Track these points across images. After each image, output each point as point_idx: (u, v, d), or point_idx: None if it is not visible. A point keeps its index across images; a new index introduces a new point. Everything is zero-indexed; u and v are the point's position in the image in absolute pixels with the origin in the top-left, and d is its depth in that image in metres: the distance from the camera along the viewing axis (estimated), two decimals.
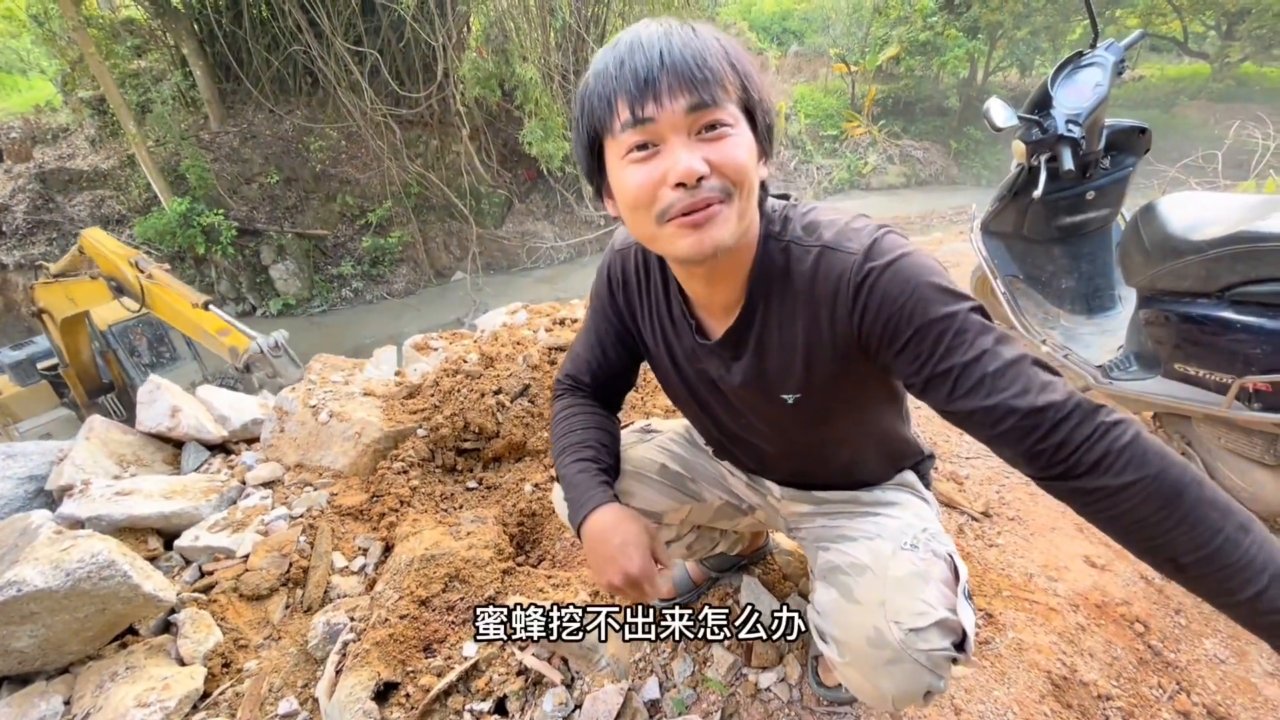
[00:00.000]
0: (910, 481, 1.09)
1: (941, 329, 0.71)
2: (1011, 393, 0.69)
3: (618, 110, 0.70)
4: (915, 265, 0.74)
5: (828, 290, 0.78)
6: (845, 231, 0.79)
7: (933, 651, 0.83)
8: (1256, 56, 16.13)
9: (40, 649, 1.37)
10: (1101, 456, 0.66)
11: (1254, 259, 1.46)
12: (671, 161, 0.69)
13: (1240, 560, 0.62)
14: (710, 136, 0.70)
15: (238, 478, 2.03)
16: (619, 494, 1.10)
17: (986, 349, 0.71)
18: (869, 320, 0.76)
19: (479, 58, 11.22)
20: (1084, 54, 2.15)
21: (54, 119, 12.00)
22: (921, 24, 16.09)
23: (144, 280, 4.57)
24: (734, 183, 0.71)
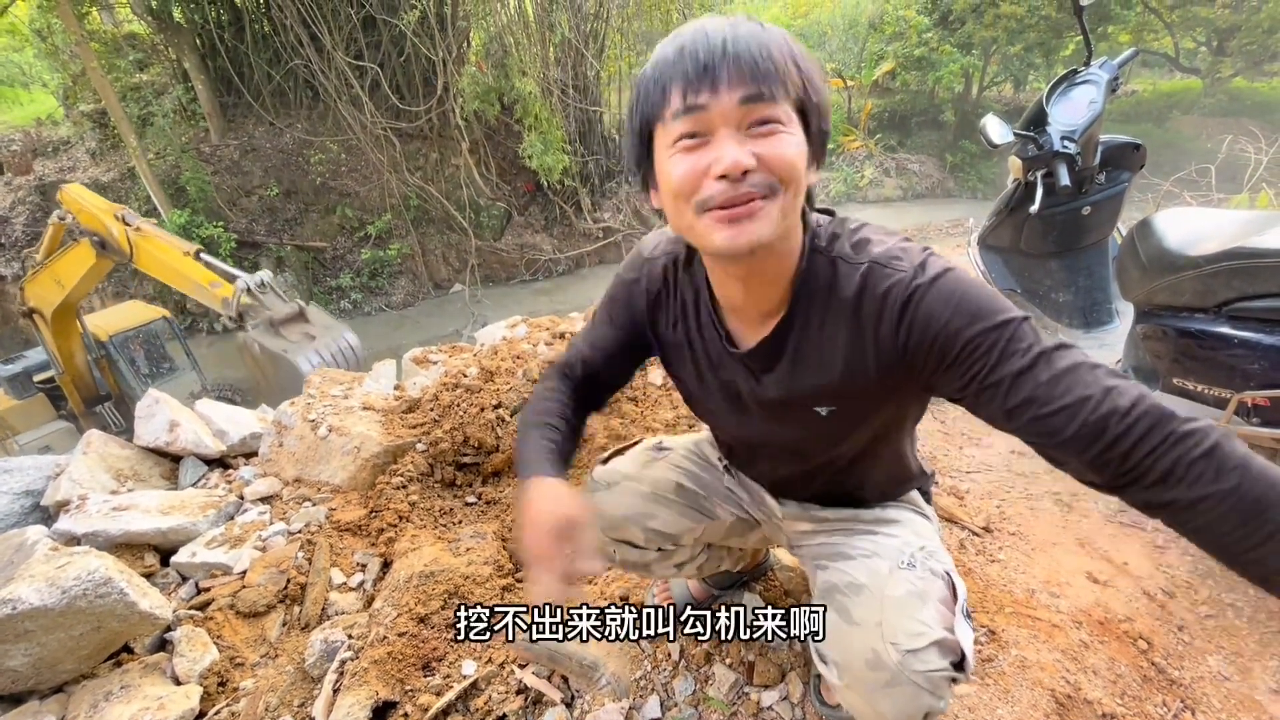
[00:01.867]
0: (912, 499, 1.09)
1: (993, 340, 0.70)
2: (1069, 400, 0.66)
3: (670, 97, 0.69)
4: (961, 281, 0.74)
5: (874, 307, 0.77)
6: (893, 250, 0.78)
7: (931, 672, 0.82)
8: (1247, 72, 16.33)
9: (34, 668, 1.35)
10: (1171, 467, 0.62)
11: (1250, 275, 1.47)
12: (719, 152, 0.68)
13: None
14: (761, 132, 0.69)
15: (236, 493, 2.02)
16: (640, 515, 1.12)
17: (1040, 357, 0.68)
18: (916, 337, 0.74)
19: (479, 72, 11.33)
20: (1078, 72, 2.18)
21: (55, 132, 12.07)
22: (916, 40, 16.28)
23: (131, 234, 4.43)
24: (782, 179, 0.70)
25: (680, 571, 1.27)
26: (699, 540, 1.23)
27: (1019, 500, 1.94)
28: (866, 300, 0.77)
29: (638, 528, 1.14)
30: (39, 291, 5.34)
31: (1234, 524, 0.60)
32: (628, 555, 1.18)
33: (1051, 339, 0.70)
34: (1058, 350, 0.69)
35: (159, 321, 6.98)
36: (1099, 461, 0.66)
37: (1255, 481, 0.60)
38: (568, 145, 11.75)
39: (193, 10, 11.49)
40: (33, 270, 5.34)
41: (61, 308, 5.33)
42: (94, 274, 4.95)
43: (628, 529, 1.15)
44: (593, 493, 1.18)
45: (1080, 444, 0.66)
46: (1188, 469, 0.61)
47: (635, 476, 1.17)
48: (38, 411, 6.33)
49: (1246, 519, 0.60)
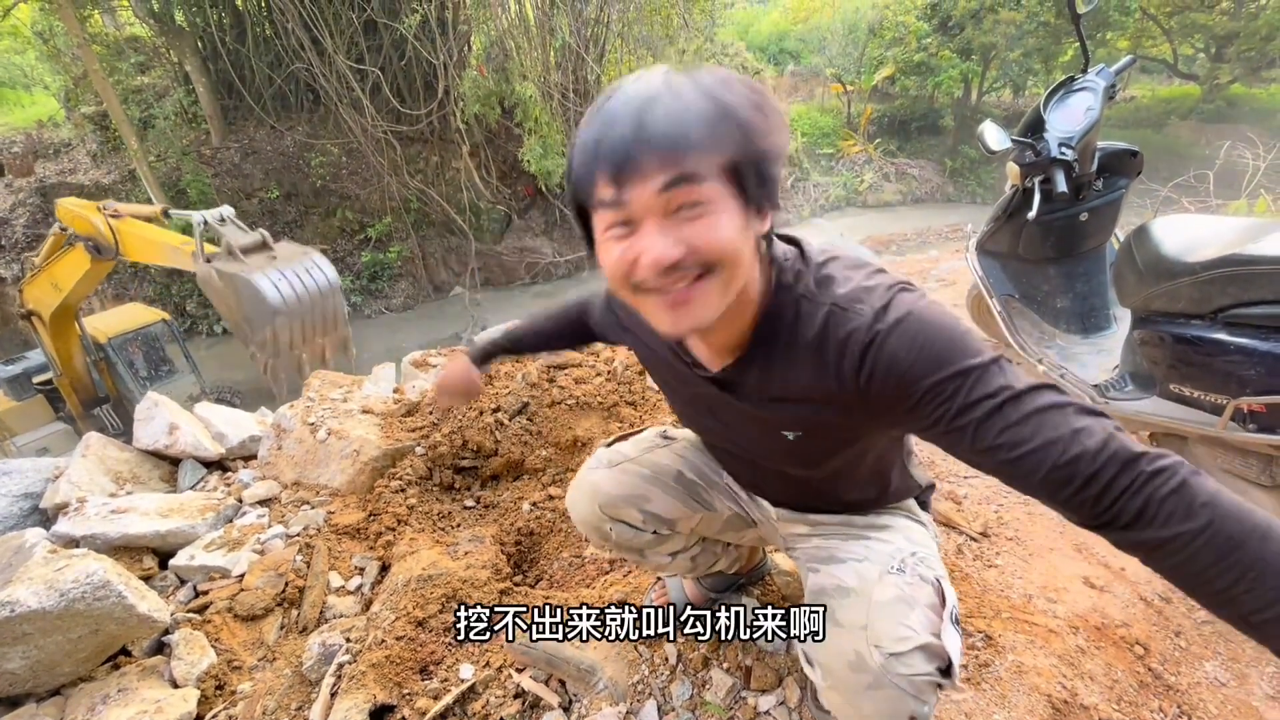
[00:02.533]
0: (907, 506, 1.09)
1: (955, 386, 0.68)
2: (1035, 444, 0.65)
3: (597, 188, 0.68)
4: (926, 323, 0.71)
5: (835, 351, 0.75)
6: (857, 291, 0.76)
7: (914, 676, 0.82)
8: (1245, 79, 16.39)
9: (32, 670, 1.36)
10: (1143, 507, 0.61)
11: (1246, 281, 1.48)
12: (644, 244, 0.67)
13: None
14: (689, 216, 0.66)
15: (234, 496, 2.02)
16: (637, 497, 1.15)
17: (1007, 401, 0.66)
18: (877, 383, 0.73)
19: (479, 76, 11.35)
20: (1076, 79, 2.19)
21: (56, 134, 12.10)
22: (916, 45, 16.35)
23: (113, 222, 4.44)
24: (714, 263, 0.68)
25: (674, 561, 1.27)
26: (695, 530, 1.24)
27: (1016, 505, 1.95)
28: (828, 343, 0.76)
29: (635, 508, 1.16)
30: (37, 294, 5.36)
31: (1207, 562, 0.60)
32: (623, 534, 1.19)
33: (1024, 379, 0.68)
34: (1027, 393, 0.67)
35: (158, 324, 6.98)
36: (1072, 504, 0.65)
37: (1225, 518, 0.59)
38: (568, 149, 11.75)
39: (194, 13, 11.52)
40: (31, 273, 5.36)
41: (59, 310, 5.34)
42: (89, 278, 4.96)
43: (625, 509, 1.16)
44: (593, 470, 1.20)
45: (1051, 488, 0.65)
46: (1159, 508, 0.61)
47: (637, 459, 1.19)
48: (36, 413, 6.31)
49: (1219, 556, 0.59)
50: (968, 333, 0.72)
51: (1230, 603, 0.60)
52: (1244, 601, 0.59)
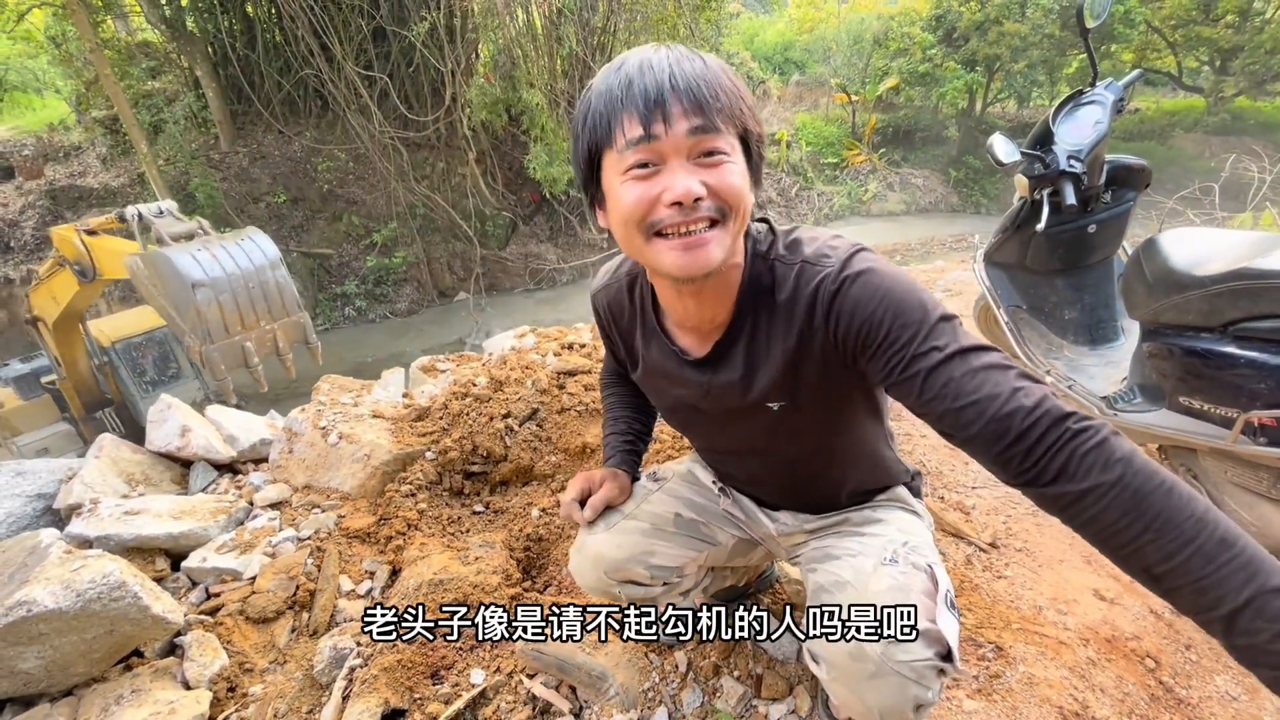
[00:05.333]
0: (901, 496, 1.11)
1: (911, 334, 0.74)
2: (977, 397, 0.70)
3: (623, 127, 0.73)
4: (886, 276, 0.78)
5: (806, 303, 0.82)
6: (823, 248, 0.84)
7: (914, 661, 0.84)
8: (1250, 91, 16.43)
9: (46, 670, 1.36)
10: (1065, 462, 0.66)
11: (1255, 295, 1.48)
12: (670, 181, 0.72)
13: (1215, 574, 0.59)
14: (708, 162, 0.73)
15: (246, 498, 2.03)
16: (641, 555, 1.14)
17: (956, 354, 0.72)
18: (842, 328, 0.79)
19: (486, 83, 11.43)
20: (1084, 92, 2.20)
21: (67, 137, 12.20)
22: (920, 56, 16.42)
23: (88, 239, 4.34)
24: (729, 206, 0.75)
25: (687, 598, 1.28)
26: (702, 567, 1.24)
27: (1025, 516, 1.95)
28: (800, 297, 0.82)
29: (640, 566, 1.14)
30: (40, 302, 5.46)
31: (1117, 514, 0.63)
32: (633, 593, 1.18)
33: (971, 339, 0.74)
34: (975, 350, 0.73)
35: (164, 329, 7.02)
36: (1003, 457, 0.70)
37: (1136, 474, 0.63)
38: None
39: (206, 19, 11.65)
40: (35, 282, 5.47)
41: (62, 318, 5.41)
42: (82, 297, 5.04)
43: (631, 569, 1.15)
44: (591, 535, 1.17)
45: (986, 439, 0.70)
46: (1080, 462, 0.65)
47: (632, 514, 1.17)
48: (42, 413, 6.34)
49: (1128, 509, 0.63)
50: (925, 289, 0.78)
51: (1136, 554, 0.63)
52: (1148, 553, 0.62)
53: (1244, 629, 0.57)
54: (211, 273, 3.66)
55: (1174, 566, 0.61)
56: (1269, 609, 0.56)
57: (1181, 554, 0.60)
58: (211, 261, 3.74)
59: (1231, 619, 0.58)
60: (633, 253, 0.82)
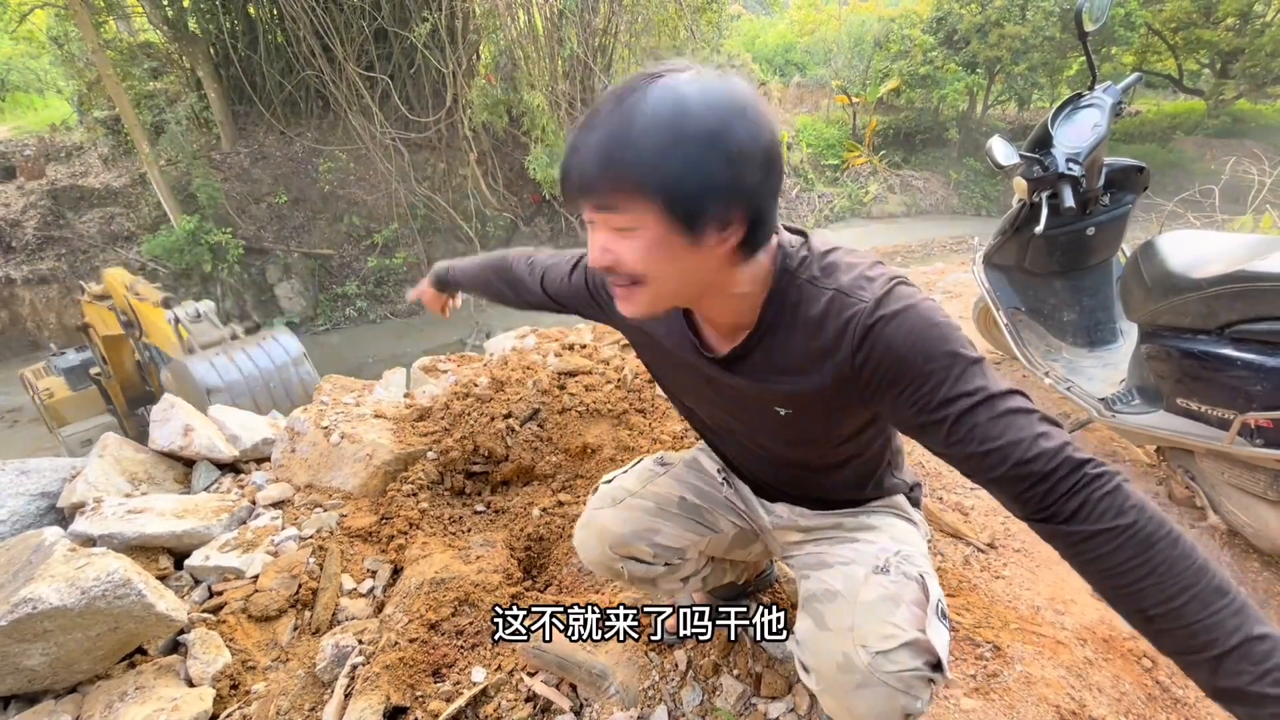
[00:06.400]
0: (897, 503, 1.12)
1: (941, 378, 0.74)
2: (1001, 443, 0.72)
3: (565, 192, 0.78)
4: (922, 317, 0.77)
5: (835, 333, 0.81)
6: (860, 279, 0.81)
7: (902, 672, 0.84)
8: (1251, 94, 16.43)
9: (50, 668, 1.37)
10: (1081, 504, 0.69)
11: (1253, 298, 1.50)
12: (591, 244, 0.79)
13: (1207, 620, 0.63)
14: (619, 235, 0.76)
15: (248, 497, 2.04)
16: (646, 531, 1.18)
17: (982, 400, 0.73)
18: (871, 366, 0.78)
19: (488, 85, 11.45)
20: (1083, 95, 2.22)
21: (68, 137, 12.21)
22: (921, 58, 16.42)
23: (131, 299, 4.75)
24: (634, 278, 0.78)
25: (686, 586, 1.30)
26: (703, 553, 1.26)
27: None
28: (829, 324, 0.81)
29: (644, 543, 1.17)
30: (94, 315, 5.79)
31: (1125, 556, 0.67)
32: (635, 571, 1.21)
33: (999, 383, 0.75)
34: (1001, 395, 0.74)
35: None
36: (1023, 497, 0.72)
37: (1149, 521, 0.67)
38: None
39: (208, 20, 11.66)
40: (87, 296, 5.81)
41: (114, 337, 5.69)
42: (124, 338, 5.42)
43: (635, 545, 1.18)
44: (599, 509, 1.22)
45: (1008, 483, 0.73)
46: (1095, 505, 0.68)
47: (639, 493, 1.21)
48: (89, 404, 6.49)
49: (1136, 552, 0.66)
50: (958, 330, 0.78)
51: (1135, 596, 0.67)
52: (1148, 595, 0.66)
53: (1229, 670, 0.62)
54: (228, 377, 4.11)
55: (1171, 609, 0.65)
56: (1254, 653, 0.61)
57: (1180, 599, 0.64)
58: (228, 366, 4.20)
59: (1219, 661, 0.62)
60: None
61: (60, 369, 6.43)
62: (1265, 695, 0.60)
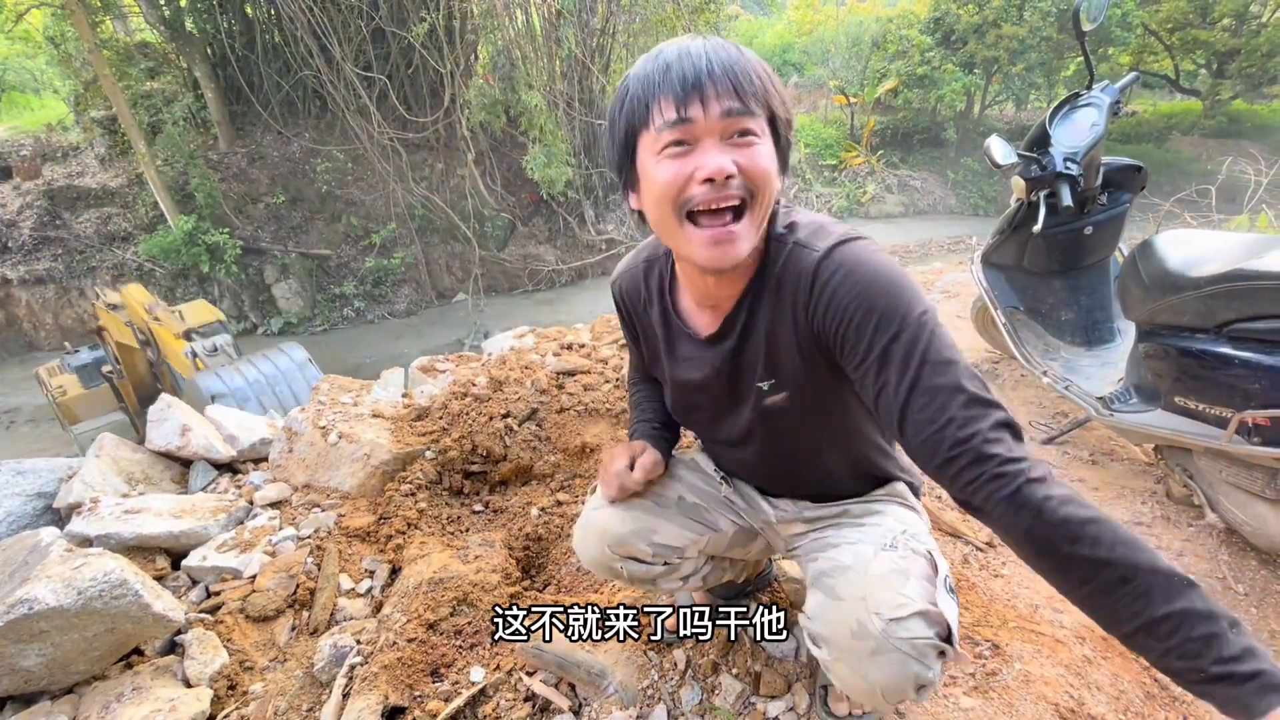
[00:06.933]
0: (899, 491, 1.12)
1: (876, 333, 0.77)
2: (918, 417, 0.75)
3: (660, 109, 0.76)
4: (871, 270, 0.79)
5: (792, 284, 0.84)
6: (817, 232, 0.85)
7: (915, 639, 0.85)
8: (1247, 95, 16.49)
9: (47, 668, 1.37)
10: (983, 503, 0.73)
11: (1250, 296, 1.50)
12: (703, 159, 0.75)
13: (1111, 606, 0.68)
14: (740, 142, 0.76)
15: (246, 498, 2.04)
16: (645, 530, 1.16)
17: (911, 368, 0.75)
18: (818, 315, 0.81)
19: (486, 84, 11.45)
20: (1081, 95, 2.22)
21: (65, 138, 12.18)
22: (919, 58, 16.46)
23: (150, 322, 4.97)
24: (757, 187, 0.77)
25: (685, 585, 1.30)
26: (702, 552, 1.26)
27: None
28: (787, 277, 0.85)
29: (643, 542, 1.17)
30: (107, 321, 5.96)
31: (1028, 555, 0.73)
32: (634, 570, 1.21)
33: (939, 350, 0.76)
34: (935, 364, 0.75)
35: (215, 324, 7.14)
36: (939, 478, 0.76)
37: (1043, 524, 0.70)
38: (572, 158, 11.86)
39: (205, 20, 11.65)
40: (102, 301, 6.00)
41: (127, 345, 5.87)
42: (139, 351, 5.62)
43: (633, 544, 1.17)
44: (597, 509, 1.21)
45: (920, 458, 0.77)
46: (995, 506, 0.72)
47: None
48: (101, 402, 6.58)
49: (1035, 553, 0.72)
50: (908, 285, 0.79)
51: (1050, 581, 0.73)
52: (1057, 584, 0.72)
53: (1139, 647, 0.68)
54: (232, 384, 4.39)
55: (1077, 598, 0.71)
56: (1157, 632, 0.66)
57: (1082, 589, 0.70)
58: (233, 374, 4.49)
59: (1127, 639, 0.69)
60: (666, 234, 0.85)
61: (73, 366, 6.54)
62: (1174, 667, 0.65)
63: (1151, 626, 0.65)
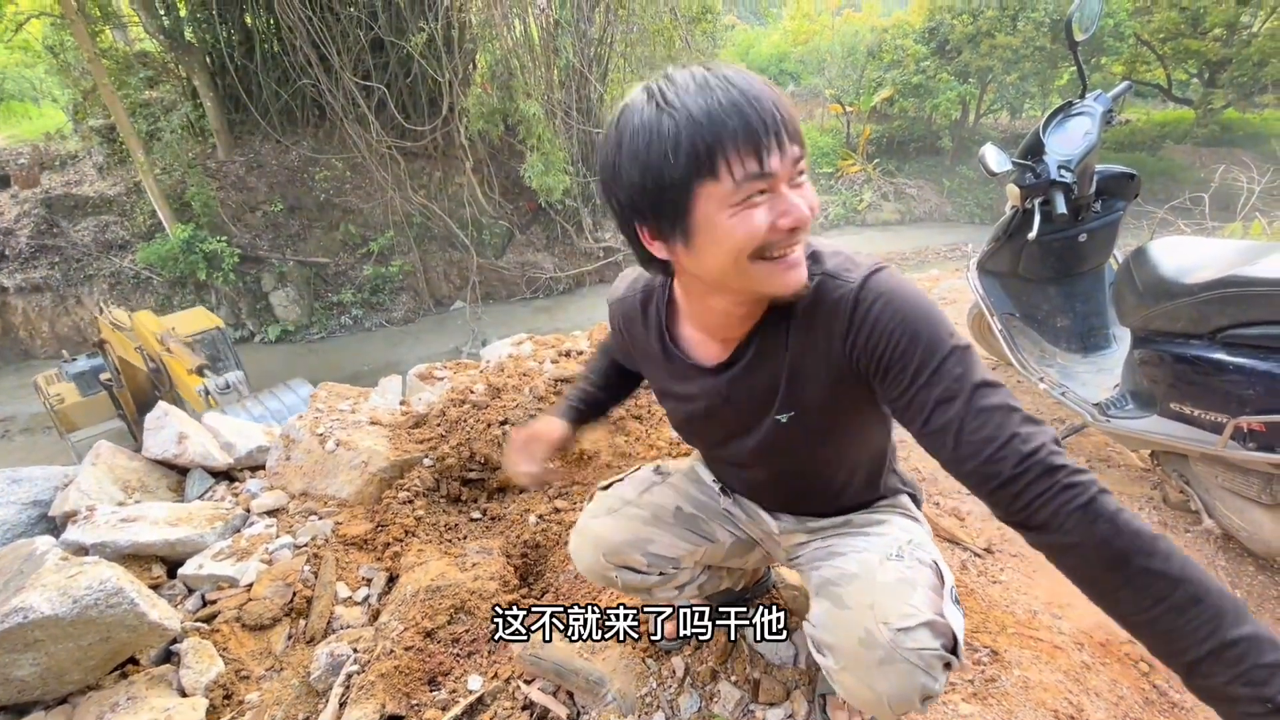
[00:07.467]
0: (902, 503, 1.12)
1: (923, 363, 0.75)
2: (977, 438, 0.73)
3: (739, 160, 0.70)
4: (908, 299, 0.79)
5: (825, 315, 0.82)
6: (845, 263, 0.84)
7: (923, 650, 0.85)
8: (1239, 104, 16.64)
9: (41, 678, 1.36)
10: (1051, 516, 0.70)
11: (1243, 302, 1.51)
12: (786, 206, 0.74)
13: (1182, 628, 0.65)
14: (799, 183, 0.76)
15: (242, 505, 2.03)
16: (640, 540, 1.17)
17: (966, 390, 0.74)
18: (860, 344, 0.80)
19: (484, 93, 11.52)
20: (1074, 103, 2.24)
21: (63, 146, 12.21)
22: (914, 68, 16.60)
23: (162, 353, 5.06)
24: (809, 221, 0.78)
25: (682, 594, 1.30)
26: (699, 562, 1.25)
27: None
28: (819, 310, 0.83)
29: (638, 552, 1.17)
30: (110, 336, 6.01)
31: (1099, 570, 0.69)
32: (629, 580, 1.21)
33: (983, 374, 0.75)
34: (984, 387, 0.74)
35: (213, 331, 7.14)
36: (993, 499, 0.74)
37: (1119, 534, 0.68)
38: (570, 166, 11.92)
39: (204, 30, 11.71)
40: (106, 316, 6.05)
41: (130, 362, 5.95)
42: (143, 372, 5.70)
43: (629, 554, 1.17)
44: (594, 518, 1.22)
45: (978, 479, 0.74)
46: (1066, 518, 0.69)
47: (635, 501, 1.20)
48: (98, 409, 6.63)
49: (1110, 567, 0.68)
50: (941, 311, 0.79)
51: (1113, 603, 0.70)
52: (1123, 603, 0.69)
53: (1204, 673, 0.64)
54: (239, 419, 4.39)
55: (1147, 619, 0.67)
56: (1227, 657, 0.63)
57: (1155, 609, 0.66)
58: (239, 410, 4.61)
59: (1194, 665, 0.65)
60: (726, 278, 0.79)
61: (71, 374, 6.57)
62: (1238, 695, 0.62)
63: (1221, 650, 0.63)
